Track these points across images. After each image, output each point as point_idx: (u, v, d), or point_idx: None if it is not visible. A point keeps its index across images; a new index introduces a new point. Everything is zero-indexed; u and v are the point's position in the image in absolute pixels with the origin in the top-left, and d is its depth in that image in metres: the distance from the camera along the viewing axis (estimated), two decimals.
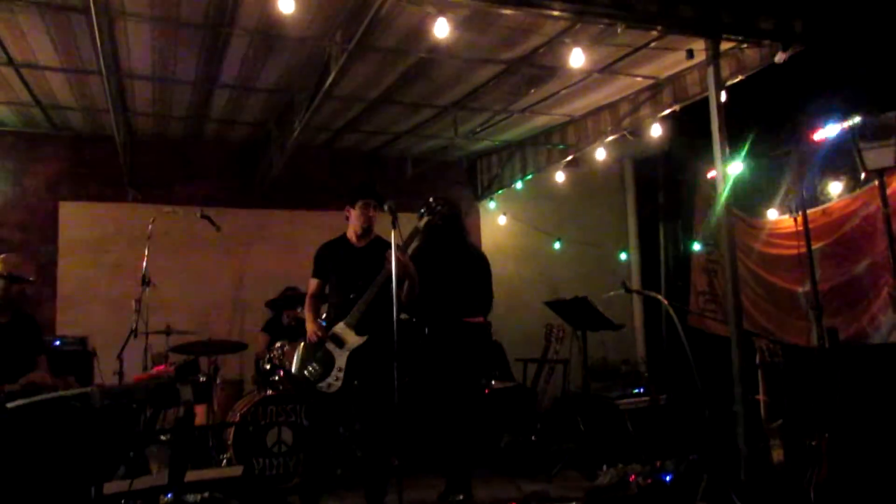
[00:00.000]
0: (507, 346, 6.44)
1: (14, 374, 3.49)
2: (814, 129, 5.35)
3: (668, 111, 5.24)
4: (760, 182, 6.23)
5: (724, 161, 4.31)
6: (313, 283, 4.35)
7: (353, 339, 4.09)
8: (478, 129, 6.37)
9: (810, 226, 5.26)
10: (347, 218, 4.36)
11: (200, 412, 5.21)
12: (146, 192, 6.45)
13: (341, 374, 4.04)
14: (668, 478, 3.96)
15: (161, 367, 4.51)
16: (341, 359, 4.07)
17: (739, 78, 4.56)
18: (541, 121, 6.27)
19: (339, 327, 4.11)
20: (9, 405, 3.09)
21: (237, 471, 3.68)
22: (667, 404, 5.87)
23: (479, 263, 4.84)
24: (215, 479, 3.63)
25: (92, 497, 2.68)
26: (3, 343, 3.61)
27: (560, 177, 7.02)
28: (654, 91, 5.33)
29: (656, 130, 5.57)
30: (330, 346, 4.10)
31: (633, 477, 4.04)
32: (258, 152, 6.66)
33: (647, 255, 7.79)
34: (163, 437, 4.83)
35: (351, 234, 4.36)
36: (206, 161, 6.75)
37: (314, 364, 4.09)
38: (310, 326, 4.19)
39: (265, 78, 5.08)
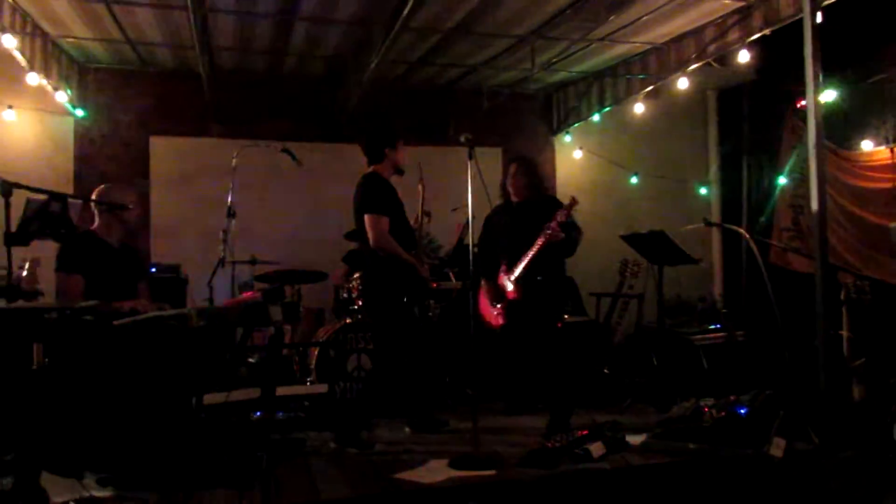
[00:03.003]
0: (581, 280, 6.43)
1: (121, 298, 3.77)
2: None
3: (757, 35, 4.98)
4: (854, 111, 5.90)
5: (817, 88, 4.10)
6: None
7: None
8: (555, 60, 6.23)
9: None
10: (386, 157, 4.49)
11: (286, 338, 5.48)
12: (229, 127, 6.65)
13: None
14: (742, 411, 3.94)
15: (249, 293, 4.74)
16: None
17: None
18: (620, 50, 6.08)
19: None
20: (115, 322, 3.36)
21: (323, 388, 3.91)
22: (744, 341, 5.78)
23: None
24: (304, 395, 3.86)
25: (193, 406, 2.91)
26: (115, 267, 3.88)
27: (639, 108, 6.82)
28: (744, 14, 5.06)
29: (744, 57, 5.30)
30: None
31: (706, 409, 4.04)
32: (336, 87, 6.74)
33: (729, 191, 7.55)
34: (251, 360, 5.14)
35: (390, 175, 4.50)
36: (285, 96, 6.88)
37: None
38: None
39: (343, 9, 5.10)
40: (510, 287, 4.64)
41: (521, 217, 4.70)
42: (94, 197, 3.93)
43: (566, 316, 5.83)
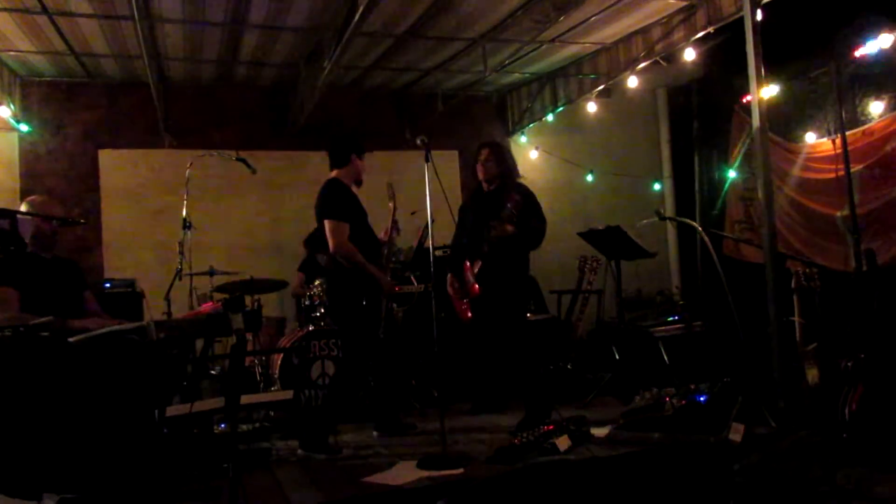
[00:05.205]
0: (542, 278, 6.51)
1: (65, 309, 3.68)
2: (854, 46, 5.18)
3: (702, 33, 5.12)
4: (798, 105, 6.10)
5: (760, 84, 4.23)
6: None
7: None
8: (507, 62, 6.31)
9: (850, 147, 5.15)
10: (351, 163, 4.45)
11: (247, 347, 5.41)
12: (182, 137, 6.56)
13: None
14: (702, 399, 4.04)
15: (209, 305, 4.67)
16: None
17: None
18: (571, 50, 6.18)
19: None
20: (71, 339, 3.28)
21: (288, 394, 3.87)
22: (702, 332, 5.91)
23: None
24: (269, 402, 3.82)
25: (156, 420, 2.86)
26: (50, 277, 3.79)
27: (592, 108, 6.95)
28: (688, 13, 5.20)
29: (690, 55, 5.46)
30: None
31: (667, 399, 4.13)
32: (288, 94, 6.70)
33: (682, 185, 7.73)
34: (213, 372, 5.06)
35: (351, 182, 4.45)
36: (238, 104, 6.82)
37: None
38: None
39: (294, 16, 5.07)
40: (473, 284, 4.53)
41: (484, 207, 4.56)
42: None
43: (529, 315, 5.88)
